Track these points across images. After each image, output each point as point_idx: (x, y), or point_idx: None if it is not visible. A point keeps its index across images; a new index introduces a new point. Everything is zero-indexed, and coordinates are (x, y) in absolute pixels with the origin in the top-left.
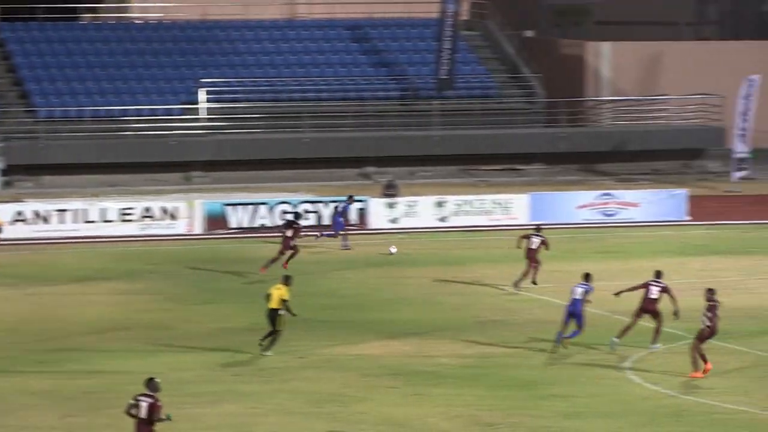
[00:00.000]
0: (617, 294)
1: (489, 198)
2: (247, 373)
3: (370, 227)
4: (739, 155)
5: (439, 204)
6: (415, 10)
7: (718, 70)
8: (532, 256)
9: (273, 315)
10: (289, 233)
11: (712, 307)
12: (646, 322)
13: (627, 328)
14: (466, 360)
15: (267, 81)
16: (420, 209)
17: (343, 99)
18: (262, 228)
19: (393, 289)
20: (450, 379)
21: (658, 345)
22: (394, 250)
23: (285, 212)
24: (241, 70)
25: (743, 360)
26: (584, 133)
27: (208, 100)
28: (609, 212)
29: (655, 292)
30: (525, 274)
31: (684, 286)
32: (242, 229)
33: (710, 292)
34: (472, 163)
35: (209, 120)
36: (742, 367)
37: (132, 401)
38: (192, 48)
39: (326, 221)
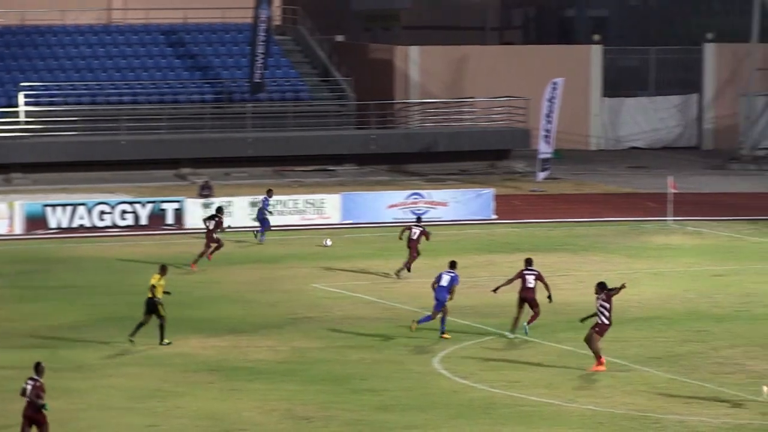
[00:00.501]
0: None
1: (302, 198)
2: (67, 369)
3: (186, 227)
4: (543, 156)
5: (254, 204)
6: (229, 16)
7: (522, 74)
8: (413, 245)
9: (150, 303)
10: (211, 226)
11: (608, 299)
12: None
13: (516, 320)
14: (281, 355)
15: (84, 85)
16: (235, 209)
17: (160, 102)
18: (81, 228)
19: (210, 287)
20: (266, 374)
21: (526, 328)
22: (329, 242)
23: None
24: (60, 74)
25: (548, 353)
26: (394, 134)
27: (27, 104)
28: (418, 211)
29: (531, 280)
30: (407, 263)
31: (492, 283)
32: (61, 230)
33: (600, 286)
34: (286, 164)
35: (28, 123)
36: (547, 361)
37: (23, 384)
38: (10, 53)
39: (144, 221)
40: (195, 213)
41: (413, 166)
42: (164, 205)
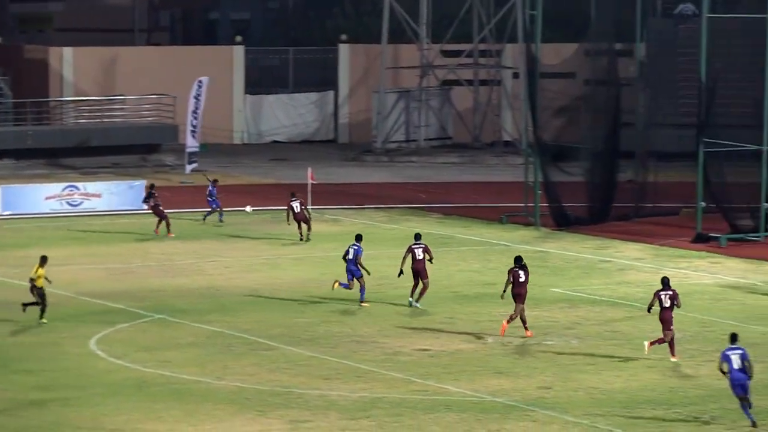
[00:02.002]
0: (399, 275)
1: None
2: None
3: None
4: (190, 150)
5: None
6: None
7: (170, 73)
8: (301, 218)
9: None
10: (152, 203)
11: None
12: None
13: (414, 287)
14: None
15: None
16: None
17: None
18: None
19: None
20: None
21: (419, 304)
22: (249, 209)
23: None
24: None
25: (198, 335)
26: (50, 130)
27: None
28: (74, 203)
29: (419, 253)
30: (302, 234)
31: (144, 269)
32: None
33: (518, 260)
34: None
35: None
36: (197, 342)
37: None
38: None
39: None
40: None
41: (69, 160)
42: None
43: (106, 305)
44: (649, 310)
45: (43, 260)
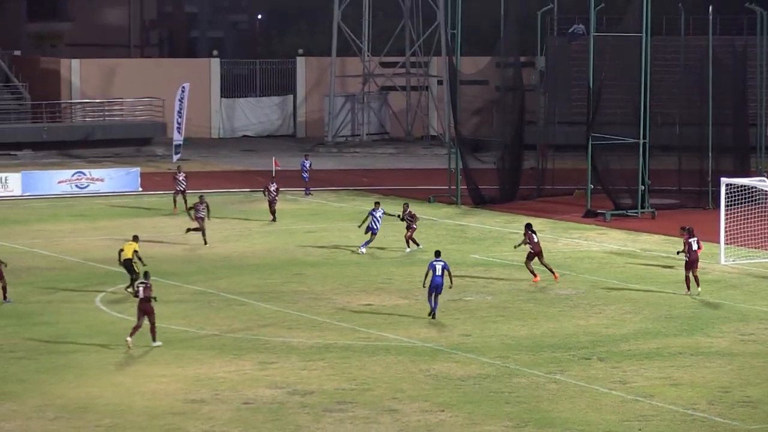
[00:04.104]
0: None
1: None
2: None
3: None
4: (176, 143)
5: None
6: None
7: (159, 80)
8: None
9: None
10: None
11: (527, 236)
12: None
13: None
14: None
15: None
16: None
17: None
18: None
19: None
20: None
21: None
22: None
23: None
24: None
25: (183, 293)
26: (61, 127)
27: None
28: (81, 186)
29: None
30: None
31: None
32: None
33: (528, 226)
34: None
35: None
36: (183, 298)
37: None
38: None
39: None
40: None
41: (77, 151)
42: None
43: (109, 269)
44: (678, 252)
45: (135, 238)
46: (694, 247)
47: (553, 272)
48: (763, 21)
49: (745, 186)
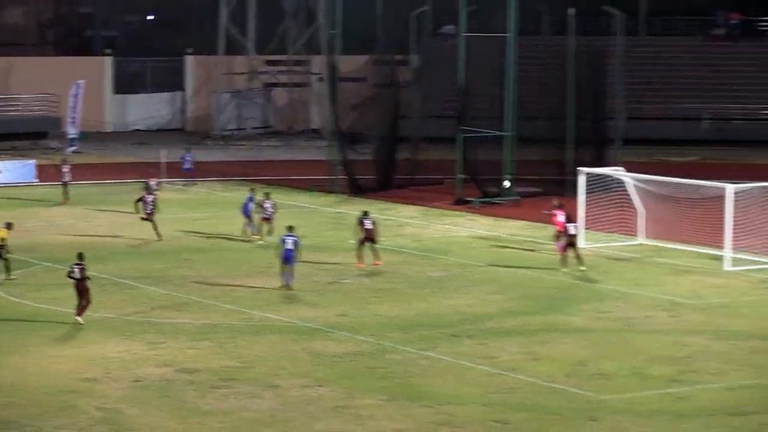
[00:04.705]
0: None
1: None
2: None
3: None
4: (71, 136)
5: None
6: None
7: (55, 77)
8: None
9: None
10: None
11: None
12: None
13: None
14: None
15: None
16: None
17: None
18: None
19: None
20: None
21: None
22: (507, 184)
23: None
24: None
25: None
26: None
27: None
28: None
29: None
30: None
31: (39, 230)
32: None
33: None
34: None
35: None
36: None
37: None
38: None
39: None
40: None
41: None
42: None
43: (7, 256)
44: (545, 213)
45: (9, 225)
46: (572, 231)
47: (377, 258)
48: (620, 22)
49: (601, 175)
